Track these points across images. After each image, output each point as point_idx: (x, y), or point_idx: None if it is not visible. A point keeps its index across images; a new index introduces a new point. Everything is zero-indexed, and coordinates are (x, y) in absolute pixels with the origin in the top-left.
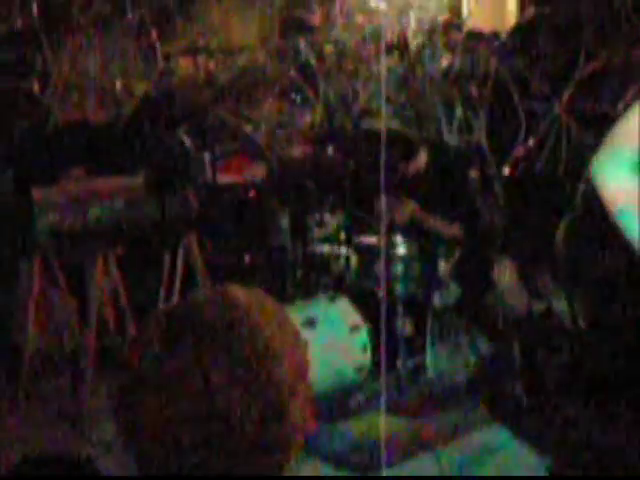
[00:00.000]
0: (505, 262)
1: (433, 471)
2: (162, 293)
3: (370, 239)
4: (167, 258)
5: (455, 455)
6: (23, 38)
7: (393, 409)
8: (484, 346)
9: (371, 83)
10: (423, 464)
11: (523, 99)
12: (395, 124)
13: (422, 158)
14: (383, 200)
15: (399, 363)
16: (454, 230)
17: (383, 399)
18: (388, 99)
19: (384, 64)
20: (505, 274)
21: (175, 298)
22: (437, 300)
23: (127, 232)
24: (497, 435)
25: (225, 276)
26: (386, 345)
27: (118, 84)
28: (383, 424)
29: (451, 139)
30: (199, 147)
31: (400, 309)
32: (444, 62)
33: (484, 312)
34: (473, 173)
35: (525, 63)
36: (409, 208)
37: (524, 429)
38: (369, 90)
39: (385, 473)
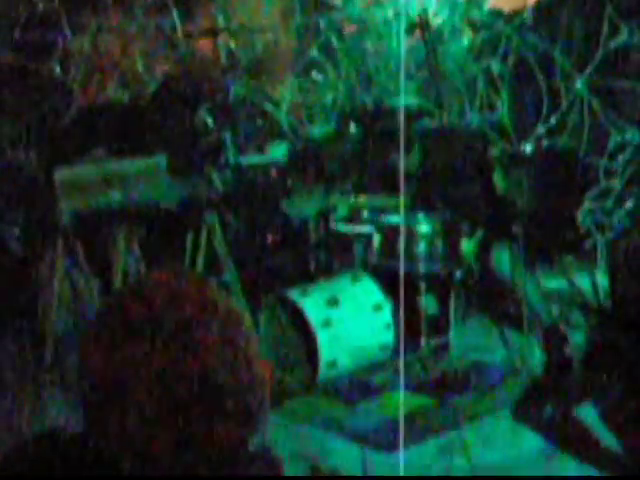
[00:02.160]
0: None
1: (456, 451)
2: None
3: (392, 217)
4: (190, 239)
5: (478, 434)
6: (44, 19)
7: (416, 388)
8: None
9: (392, 62)
10: (445, 444)
11: (545, 76)
12: (416, 102)
13: (415, 154)
14: (402, 176)
15: (423, 342)
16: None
17: (402, 378)
18: (409, 77)
19: (405, 42)
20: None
21: None
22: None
23: (150, 213)
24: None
25: (249, 256)
26: (410, 324)
27: (139, 65)
28: (402, 403)
29: (473, 117)
30: (221, 127)
31: (423, 287)
32: (465, 40)
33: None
34: (494, 151)
35: (547, 40)
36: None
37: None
38: (390, 69)
39: (404, 453)
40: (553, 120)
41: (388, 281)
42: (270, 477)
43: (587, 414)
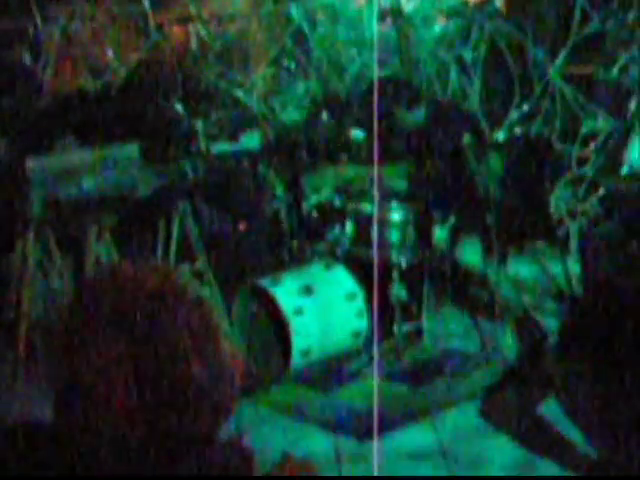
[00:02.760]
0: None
1: (430, 440)
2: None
3: (366, 205)
4: (162, 228)
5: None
6: (14, 8)
7: (389, 376)
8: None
9: (364, 49)
10: (419, 432)
11: (517, 63)
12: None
13: (422, 111)
14: (376, 165)
15: (396, 329)
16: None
17: (376, 366)
18: (382, 65)
19: (377, 30)
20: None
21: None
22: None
23: (121, 202)
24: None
25: (220, 244)
26: (382, 311)
27: (110, 53)
28: (376, 391)
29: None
30: (193, 115)
31: (396, 275)
32: (437, 27)
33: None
34: (467, 139)
35: (519, 27)
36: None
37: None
38: (362, 57)
39: (379, 441)
40: (525, 107)
41: (361, 269)
42: (268, 477)
43: (551, 410)
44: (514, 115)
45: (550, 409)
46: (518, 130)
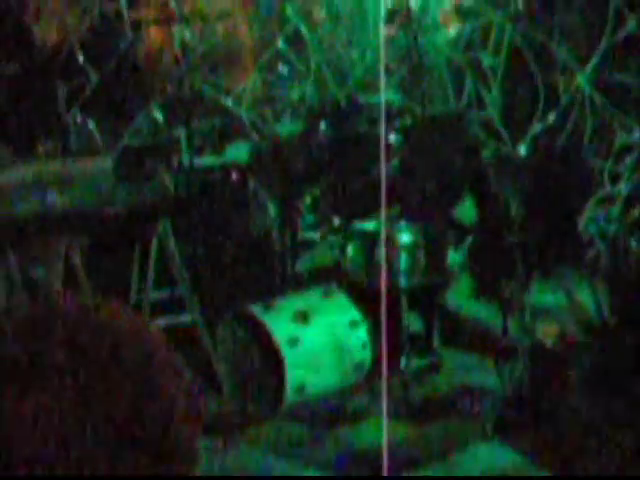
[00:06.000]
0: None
1: None
2: (133, 291)
3: (369, 224)
4: (138, 250)
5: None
6: None
7: (397, 413)
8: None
9: (369, 53)
10: (431, 475)
11: (542, 70)
12: (396, 99)
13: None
14: (383, 180)
15: (403, 362)
16: None
17: (385, 402)
18: (388, 71)
19: (383, 31)
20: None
21: (147, 296)
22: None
23: (93, 221)
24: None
25: (205, 268)
26: (389, 342)
27: (80, 57)
28: (385, 430)
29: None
30: (174, 124)
31: (404, 303)
32: (452, 29)
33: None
34: (486, 153)
35: (544, 29)
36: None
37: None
38: (366, 61)
39: None
40: (551, 118)
41: (364, 296)
42: (267, 477)
43: None
44: (538, 127)
45: None
46: (542, 143)
